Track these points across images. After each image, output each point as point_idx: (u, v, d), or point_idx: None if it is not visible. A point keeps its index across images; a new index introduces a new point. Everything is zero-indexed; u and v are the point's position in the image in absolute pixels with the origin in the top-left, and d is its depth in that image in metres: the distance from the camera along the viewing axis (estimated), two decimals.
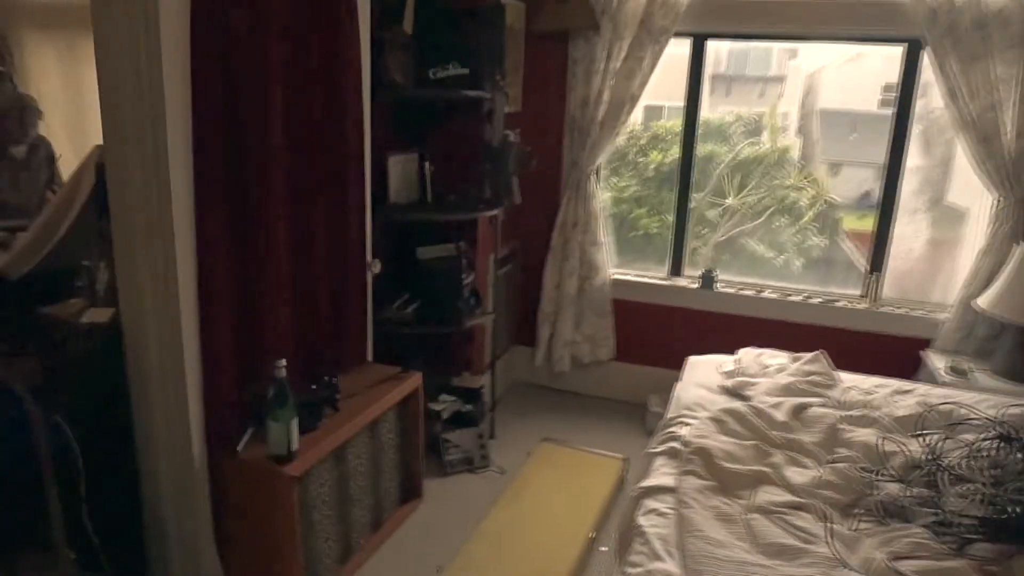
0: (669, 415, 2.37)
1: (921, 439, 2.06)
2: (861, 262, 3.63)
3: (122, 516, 2.17)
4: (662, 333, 3.84)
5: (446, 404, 3.29)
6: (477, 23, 2.94)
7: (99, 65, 1.90)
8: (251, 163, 2.15)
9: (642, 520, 1.79)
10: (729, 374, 2.62)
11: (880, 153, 3.42)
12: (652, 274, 3.93)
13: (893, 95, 3.36)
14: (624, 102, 3.47)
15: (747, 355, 2.78)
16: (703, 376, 2.66)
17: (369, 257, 2.80)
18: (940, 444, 1.98)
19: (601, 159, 3.64)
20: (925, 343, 3.33)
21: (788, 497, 1.83)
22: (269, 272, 2.27)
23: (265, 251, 2.24)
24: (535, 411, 3.82)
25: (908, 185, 3.43)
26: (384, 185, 3.01)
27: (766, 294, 3.67)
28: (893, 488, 1.84)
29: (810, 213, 3.79)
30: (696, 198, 3.80)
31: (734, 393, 2.48)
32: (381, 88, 2.76)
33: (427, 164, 3.15)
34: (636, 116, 3.78)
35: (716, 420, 2.18)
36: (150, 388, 2.09)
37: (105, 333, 2.08)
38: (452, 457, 3.17)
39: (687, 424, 2.22)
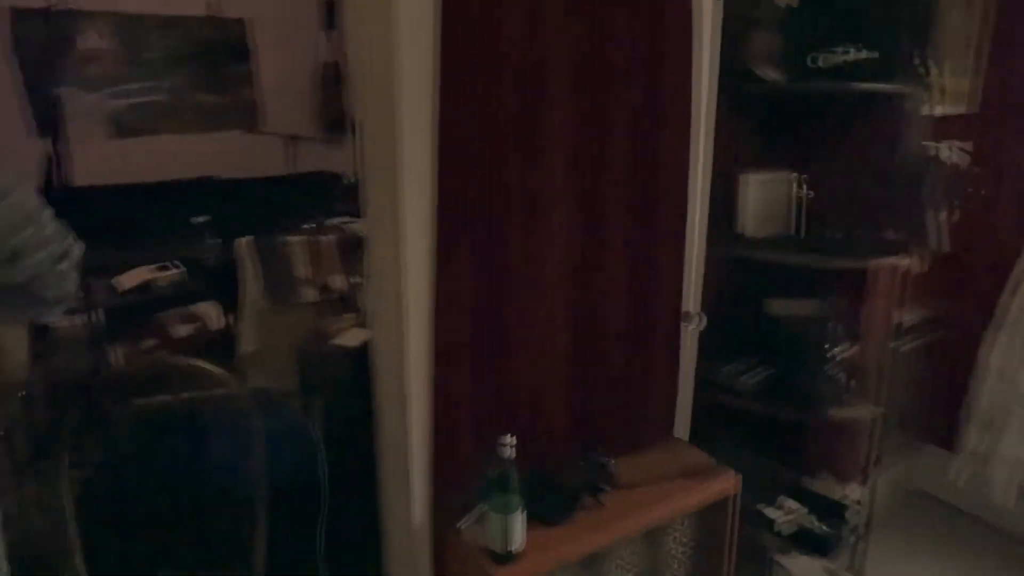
0: None
1: None
2: None
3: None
4: None
5: (786, 513, 2.40)
6: None
7: None
8: (517, 175, 1.70)
9: None
10: None
11: None
12: None
13: None
14: None
15: None
16: None
17: (691, 306, 2.14)
18: None
19: None
20: None
21: None
22: (532, 313, 1.81)
23: (525, 282, 1.78)
24: (936, 548, 2.63)
25: None
26: (731, 211, 2.29)
27: None
28: None
29: None
30: None
31: None
32: (734, 81, 2.06)
33: (799, 186, 2.31)
34: None
35: None
36: (384, 426, 1.82)
37: (354, 358, 1.89)
38: None
39: None
